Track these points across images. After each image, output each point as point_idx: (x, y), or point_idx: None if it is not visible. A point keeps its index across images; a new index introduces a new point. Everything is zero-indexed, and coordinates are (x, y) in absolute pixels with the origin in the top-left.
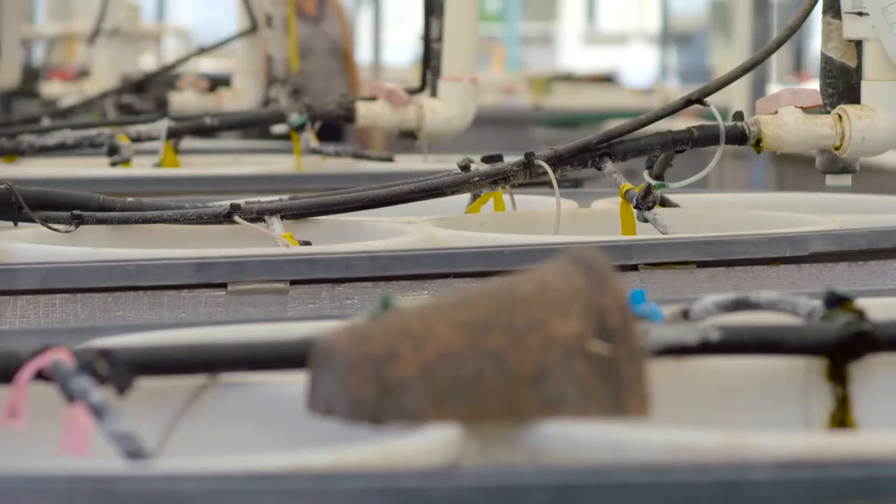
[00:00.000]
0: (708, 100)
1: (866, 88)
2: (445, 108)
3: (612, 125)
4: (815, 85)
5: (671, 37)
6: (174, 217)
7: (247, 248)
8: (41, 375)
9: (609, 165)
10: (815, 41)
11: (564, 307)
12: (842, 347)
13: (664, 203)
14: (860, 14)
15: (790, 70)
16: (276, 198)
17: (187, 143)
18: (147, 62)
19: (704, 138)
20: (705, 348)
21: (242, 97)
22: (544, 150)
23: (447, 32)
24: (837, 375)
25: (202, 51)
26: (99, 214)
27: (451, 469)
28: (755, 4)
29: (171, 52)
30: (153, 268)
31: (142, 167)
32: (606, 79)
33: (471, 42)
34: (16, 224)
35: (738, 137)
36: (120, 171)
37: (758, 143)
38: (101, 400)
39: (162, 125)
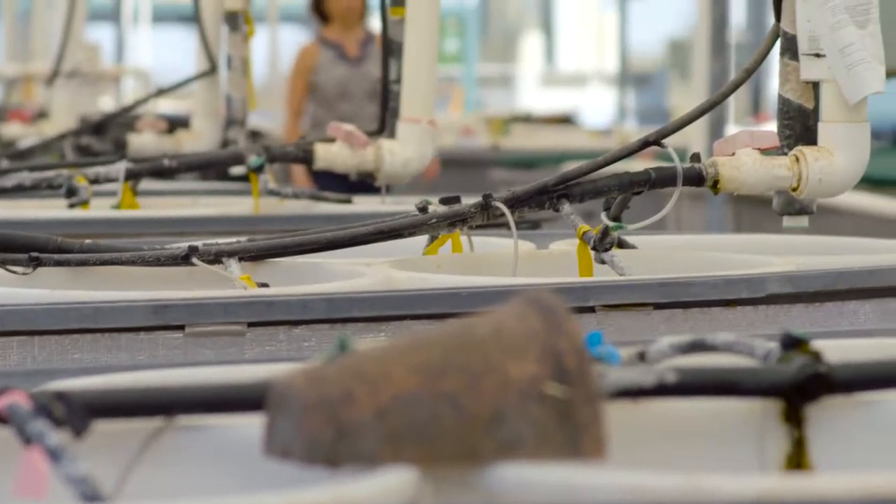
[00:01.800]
0: (665, 141)
1: (823, 130)
2: (403, 150)
3: (570, 166)
4: (773, 126)
5: (629, 78)
6: (132, 259)
7: (204, 290)
8: None
9: (566, 207)
10: (774, 82)
11: (521, 350)
12: (797, 389)
13: (621, 245)
14: (817, 56)
15: (748, 111)
16: (234, 239)
17: (146, 184)
18: (106, 103)
19: (662, 180)
20: (661, 390)
21: (201, 138)
22: (502, 192)
23: (405, 74)
24: (793, 417)
25: (161, 92)
26: (57, 256)
27: None
28: (713, 46)
29: (129, 93)
30: (111, 310)
31: (100, 209)
32: (565, 120)
33: (429, 83)
34: None
35: (695, 179)
36: (78, 213)
37: (715, 185)
38: (57, 443)
39: (120, 167)
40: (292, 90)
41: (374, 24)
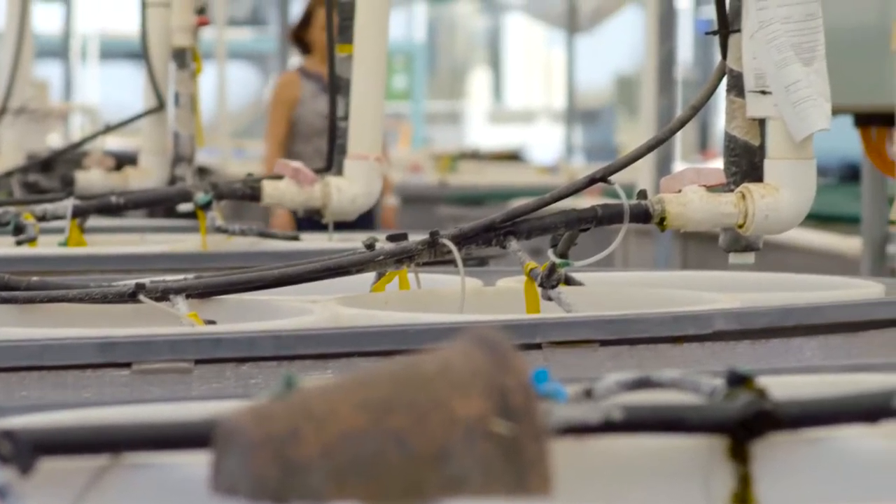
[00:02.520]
0: (613, 178)
1: (770, 167)
2: (351, 187)
3: (518, 203)
4: (720, 163)
5: (577, 114)
6: (79, 296)
7: (151, 327)
8: None
9: (513, 244)
10: (721, 120)
11: (467, 387)
12: (743, 426)
13: (568, 281)
14: (763, 93)
15: (696, 148)
16: (181, 276)
17: (93, 221)
18: (54, 140)
19: (608, 217)
20: (608, 427)
21: (149, 175)
22: (449, 229)
23: (353, 111)
24: (739, 454)
25: (109, 129)
26: (3, 294)
27: None
28: (660, 82)
29: (77, 129)
30: (57, 347)
31: (47, 246)
32: (512, 156)
33: (377, 120)
34: None
35: (642, 216)
36: (25, 250)
37: (662, 222)
38: (4, 481)
39: (68, 204)
40: (273, 123)
41: None
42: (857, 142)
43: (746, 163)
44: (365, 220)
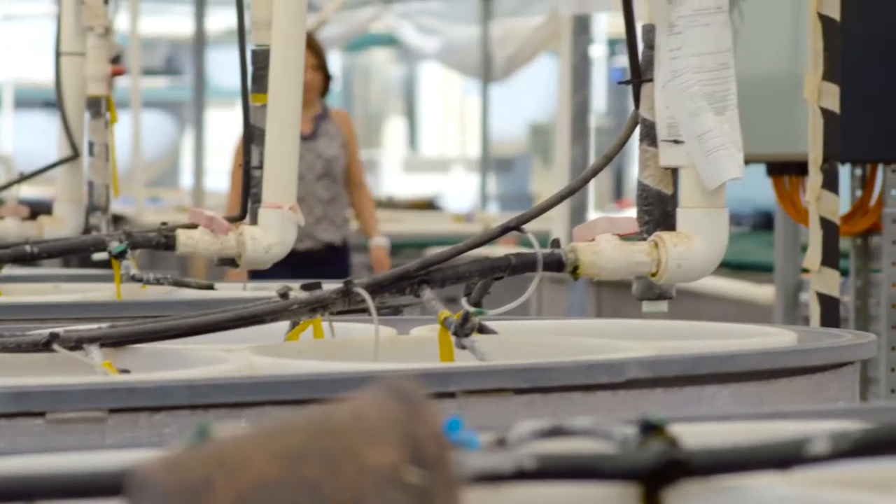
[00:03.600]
0: (527, 227)
1: (682, 216)
2: (265, 236)
3: (434, 251)
4: (635, 212)
5: (492, 163)
6: None
7: (66, 376)
8: None
9: (427, 293)
10: (636, 168)
11: (380, 436)
12: (655, 474)
13: (482, 330)
14: (676, 142)
15: (610, 197)
16: (95, 326)
17: (8, 270)
18: None
19: (522, 265)
20: (520, 476)
21: (63, 224)
22: (364, 278)
23: (267, 160)
24: (651, 502)
25: (23, 178)
26: None
27: None
28: (574, 131)
29: None
30: None
31: None
32: (428, 205)
33: (291, 169)
34: None
35: (555, 264)
36: None
37: (575, 270)
38: None
39: None
40: (237, 168)
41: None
42: (771, 190)
43: (659, 211)
44: (338, 265)
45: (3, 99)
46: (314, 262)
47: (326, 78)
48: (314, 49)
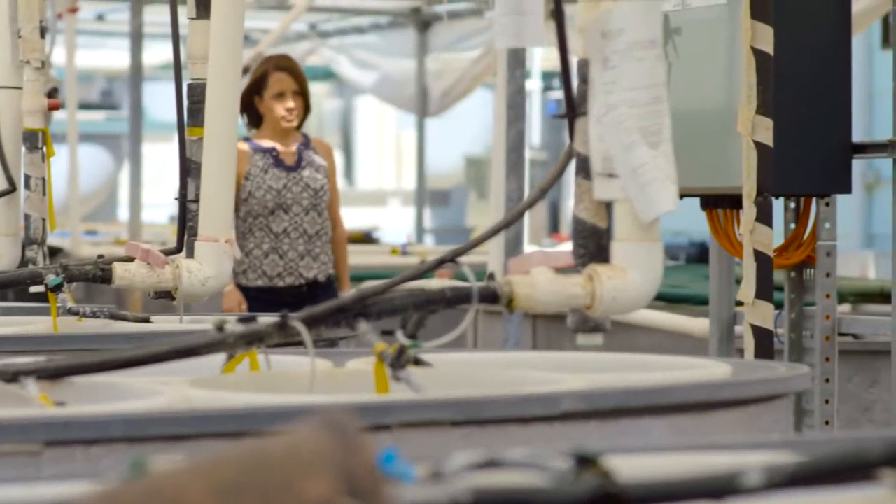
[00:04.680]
0: (463, 260)
1: (617, 249)
2: (201, 269)
3: (370, 284)
4: (570, 246)
5: (428, 196)
6: None
7: (1, 409)
8: None
9: (363, 325)
10: (572, 202)
11: (315, 469)
12: None
13: (418, 363)
14: (611, 175)
15: (546, 231)
16: (32, 359)
17: None
18: None
19: (457, 298)
20: None
21: (0, 258)
22: (300, 311)
23: (203, 193)
24: None
25: None
26: None
27: None
28: (509, 164)
29: None
30: None
31: None
32: (364, 238)
33: (227, 203)
34: None
35: (490, 297)
36: None
37: (510, 303)
38: None
39: None
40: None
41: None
42: (706, 223)
43: (594, 245)
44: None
45: None
46: (297, 299)
47: (307, 106)
48: (296, 74)
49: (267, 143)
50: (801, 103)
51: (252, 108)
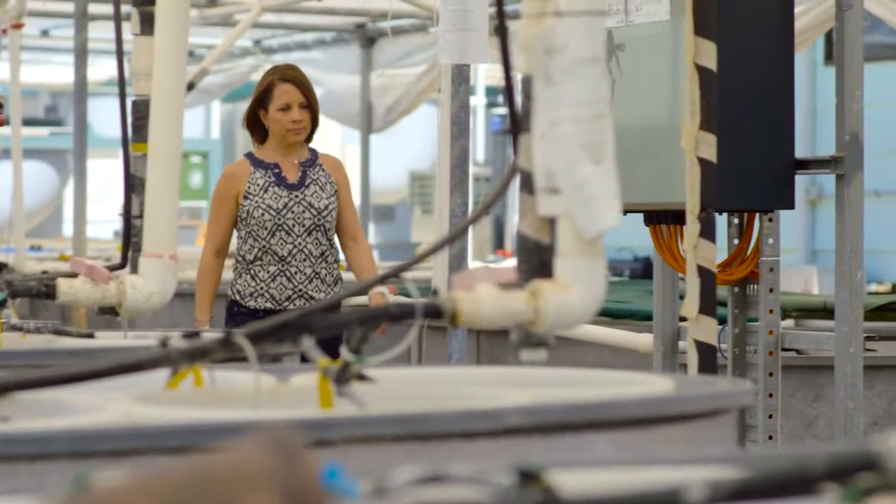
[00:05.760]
0: (408, 275)
1: (560, 264)
2: (145, 285)
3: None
4: (515, 262)
5: (372, 211)
6: None
7: None
8: None
9: (307, 341)
10: (516, 218)
11: (258, 485)
12: None
13: (362, 378)
14: (554, 191)
15: (491, 247)
16: None
17: None
18: None
19: (401, 314)
20: None
21: None
22: (244, 327)
23: (147, 209)
24: None
25: None
26: None
27: None
28: (453, 180)
29: None
30: None
31: None
32: None
33: (171, 218)
34: None
35: (434, 313)
36: None
37: (454, 319)
38: None
39: None
40: (213, 220)
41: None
42: (650, 239)
43: (537, 260)
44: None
45: None
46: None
47: (316, 119)
48: (303, 86)
49: (269, 159)
50: (745, 119)
51: (257, 122)
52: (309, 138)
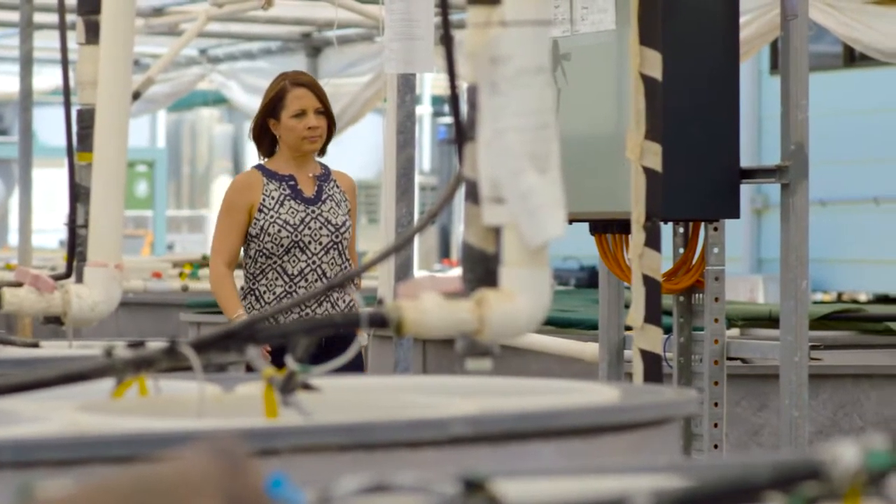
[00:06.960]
0: (355, 284)
1: (505, 274)
2: (91, 294)
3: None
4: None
5: None
6: None
7: None
8: None
9: (252, 351)
10: (462, 227)
11: (202, 494)
12: None
13: (307, 387)
14: (499, 200)
15: (437, 256)
16: None
17: None
18: None
19: (346, 323)
20: None
21: None
22: (189, 337)
23: (92, 218)
24: None
25: None
26: None
27: None
28: (399, 189)
29: None
30: None
31: None
32: None
33: (116, 228)
34: None
35: (379, 322)
36: None
37: (399, 328)
38: None
39: None
40: (220, 235)
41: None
42: (595, 248)
43: (482, 270)
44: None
45: None
46: (318, 349)
47: (332, 127)
48: (318, 91)
49: (283, 171)
50: (690, 129)
51: (266, 133)
52: (323, 150)
